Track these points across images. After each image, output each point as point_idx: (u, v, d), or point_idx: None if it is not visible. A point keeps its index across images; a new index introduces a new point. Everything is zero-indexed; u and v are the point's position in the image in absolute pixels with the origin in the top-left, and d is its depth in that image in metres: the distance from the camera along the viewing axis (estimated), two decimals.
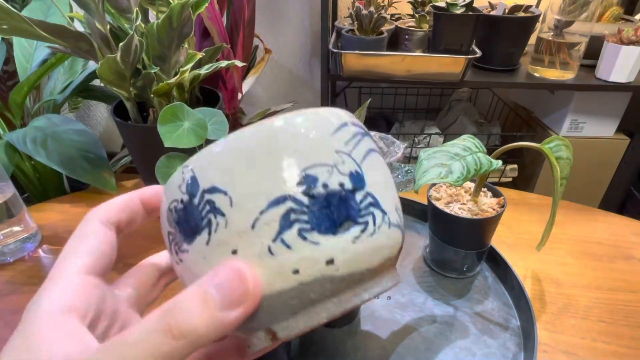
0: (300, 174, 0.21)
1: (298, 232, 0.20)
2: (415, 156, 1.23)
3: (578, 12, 0.99)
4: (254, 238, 0.20)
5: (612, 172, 1.25)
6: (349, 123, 0.24)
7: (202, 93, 0.68)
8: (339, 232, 0.21)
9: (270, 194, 0.20)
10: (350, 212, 0.22)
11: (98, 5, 0.51)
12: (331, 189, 0.21)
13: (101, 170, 0.70)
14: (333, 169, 0.22)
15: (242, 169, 0.21)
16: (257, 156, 0.21)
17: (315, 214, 0.21)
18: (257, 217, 0.20)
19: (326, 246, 0.21)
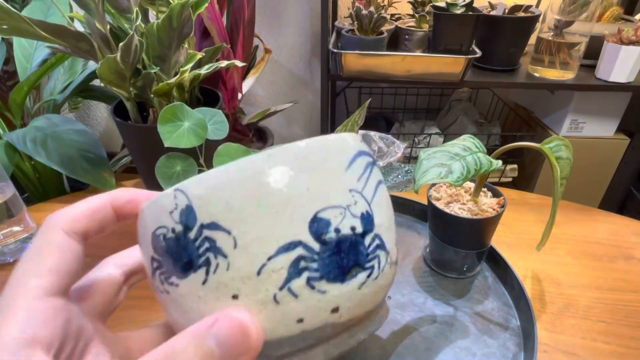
0: (313, 218, 0.19)
1: (307, 280, 0.19)
2: (415, 156, 1.23)
3: (578, 12, 0.99)
4: (258, 285, 0.19)
5: (612, 172, 1.25)
6: (360, 152, 0.22)
7: (202, 93, 0.68)
8: (346, 280, 0.20)
9: (281, 239, 0.19)
10: (359, 257, 0.21)
11: (98, 5, 0.51)
12: (343, 234, 0.20)
13: (101, 170, 0.70)
14: (346, 211, 0.20)
15: (251, 206, 0.19)
16: (268, 193, 0.19)
17: (325, 262, 0.19)
18: (265, 264, 0.19)
19: (333, 295, 0.20)
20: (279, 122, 1.62)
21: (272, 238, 0.19)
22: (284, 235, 0.19)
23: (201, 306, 0.19)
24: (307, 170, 0.20)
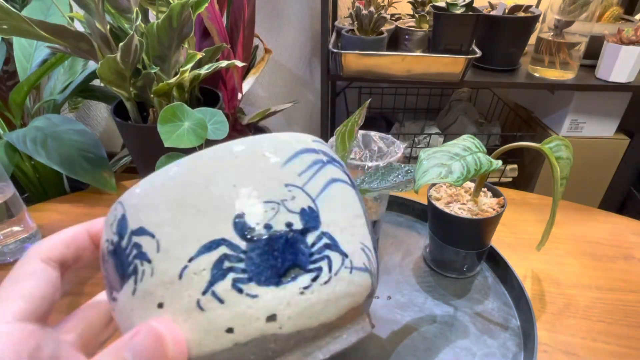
0: (238, 214, 0.18)
1: (232, 283, 0.17)
2: (415, 156, 1.23)
3: (578, 12, 0.99)
4: (181, 290, 0.17)
5: (612, 172, 1.25)
6: (306, 149, 0.21)
7: (202, 93, 0.68)
8: (282, 283, 0.18)
9: (202, 238, 0.18)
10: (299, 257, 0.18)
11: (98, 5, 0.51)
12: (275, 231, 0.18)
13: (101, 170, 0.70)
14: (279, 206, 0.18)
15: (173, 207, 0.18)
16: (190, 192, 0.18)
17: (253, 261, 0.18)
18: (185, 265, 0.17)
19: (266, 300, 0.17)
20: (279, 122, 1.62)
21: (193, 238, 0.18)
22: (206, 234, 0.18)
23: (133, 319, 0.18)
24: (234, 168, 0.19)
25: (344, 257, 0.20)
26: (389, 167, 0.43)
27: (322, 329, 0.19)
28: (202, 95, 0.68)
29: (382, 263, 0.60)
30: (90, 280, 0.57)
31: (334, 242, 0.20)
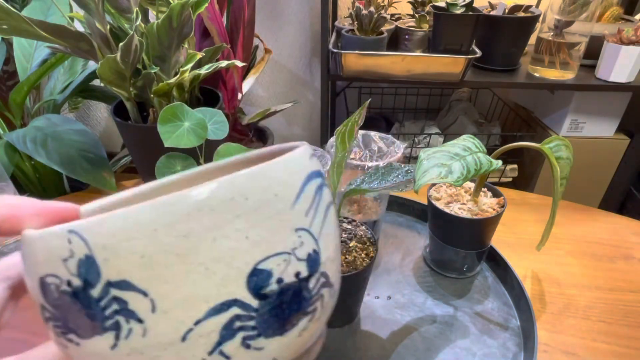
0: (252, 271, 0.16)
1: (242, 341, 0.16)
2: (415, 156, 1.23)
3: (578, 12, 0.99)
4: (183, 352, 0.16)
5: (612, 172, 1.25)
6: (310, 174, 0.19)
7: (202, 93, 0.68)
8: (287, 331, 0.18)
9: (212, 299, 0.16)
10: (302, 304, 0.18)
11: (98, 5, 0.51)
12: (286, 284, 0.17)
13: (101, 170, 0.70)
14: (290, 256, 0.17)
15: (172, 261, 0.15)
16: (196, 245, 0.15)
17: (264, 318, 0.17)
18: (191, 329, 0.16)
19: (270, 349, 0.17)
20: (279, 122, 1.62)
21: (200, 299, 0.16)
22: (216, 294, 0.16)
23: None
24: (246, 214, 0.16)
25: (331, 288, 0.20)
26: (389, 167, 0.43)
27: (303, 353, 0.20)
28: (202, 95, 0.68)
29: (382, 263, 0.60)
30: None
31: (327, 279, 0.19)
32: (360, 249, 0.46)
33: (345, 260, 0.44)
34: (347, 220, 0.51)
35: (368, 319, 0.51)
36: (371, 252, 0.46)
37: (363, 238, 0.48)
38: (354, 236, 0.48)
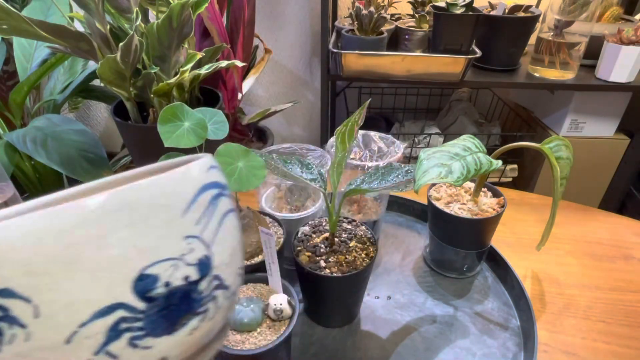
0: (138, 277, 0.17)
1: (128, 341, 0.17)
2: (415, 156, 1.23)
3: (578, 12, 0.99)
4: (68, 353, 0.16)
5: (612, 172, 1.25)
6: (205, 186, 0.20)
7: (202, 93, 0.68)
8: (176, 330, 0.18)
9: (95, 303, 0.16)
10: (192, 305, 0.19)
11: (98, 5, 0.51)
12: (174, 287, 0.18)
13: (101, 170, 0.70)
14: (179, 261, 0.18)
15: (56, 269, 0.16)
16: (81, 253, 0.16)
17: (151, 319, 0.17)
18: (75, 331, 0.16)
19: (159, 349, 0.18)
20: (279, 122, 1.62)
21: (85, 304, 0.16)
22: (101, 299, 0.16)
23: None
24: (133, 224, 0.17)
25: (226, 290, 0.21)
26: (389, 167, 0.43)
27: (198, 351, 0.20)
28: (202, 95, 0.68)
29: (382, 263, 0.60)
30: None
31: (221, 281, 0.20)
32: (360, 249, 0.46)
33: (345, 260, 0.44)
34: (347, 220, 0.51)
35: (368, 319, 0.51)
36: (371, 252, 0.46)
37: (363, 238, 0.48)
38: (354, 236, 0.48)
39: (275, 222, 0.50)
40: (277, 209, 0.55)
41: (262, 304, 0.40)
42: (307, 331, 0.49)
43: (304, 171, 0.44)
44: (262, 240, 0.40)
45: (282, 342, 0.37)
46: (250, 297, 0.41)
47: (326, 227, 0.49)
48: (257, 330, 0.38)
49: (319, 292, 0.46)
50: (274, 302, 0.39)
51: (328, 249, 0.46)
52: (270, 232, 0.38)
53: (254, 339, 0.37)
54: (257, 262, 0.44)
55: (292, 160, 0.45)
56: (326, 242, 0.47)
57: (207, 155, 0.22)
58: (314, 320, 0.50)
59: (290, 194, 0.56)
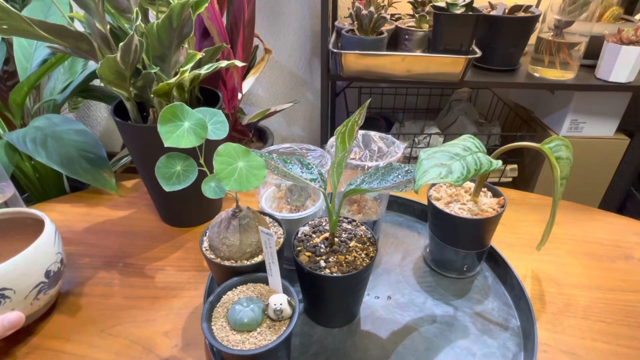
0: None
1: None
2: (415, 156, 1.23)
3: (578, 12, 0.99)
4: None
5: (612, 172, 1.25)
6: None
7: (202, 93, 0.68)
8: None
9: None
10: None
11: (98, 5, 0.51)
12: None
13: (101, 170, 0.70)
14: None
15: None
16: None
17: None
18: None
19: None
20: (279, 122, 1.62)
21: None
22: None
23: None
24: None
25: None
26: (389, 167, 0.43)
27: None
28: (202, 95, 0.68)
29: (382, 263, 0.60)
30: (89, 280, 0.57)
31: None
32: (360, 249, 0.46)
33: (345, 260, 0.44)
34: (347, 220, 0.51)
35: (368, 319, 0.51)
36: (371, 252, 0.46)
37: (363, 238, 0.48)
38: (354, 236, 0.48)
39: (275, 222, 0.50)
40: (277, 209, 0.55)
41: (262, 304, 0.40)
42: (307, 331, 0.49)
43: (304, 171, 0.44)
44: (262, 240, 0.40)
45: (282, 342, 0.37)
46: (250, 297, 0.41)
47: (326, 227, 0.49)
48: (257, 330, 0.38)
49: (319, 292, 0.46)
50: (274, 302, 0.39)
51: (328, 249, 0.46)
52: (270, 232, 0.38)
53: (254, 339, 0.37)
54: (257, 262, 0.44)
55: (292, 160, 0.45)
56: (326, 242, 0.47)
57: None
58: (314, 320, 0.50)
59: (290, 194, 0.56)
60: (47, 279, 0.47)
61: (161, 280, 0.57)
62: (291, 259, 0.46)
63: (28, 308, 0.46)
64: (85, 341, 0.48)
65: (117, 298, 0.54)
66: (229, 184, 0.38)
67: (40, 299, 0.47)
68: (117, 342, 0.48)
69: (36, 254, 0.45)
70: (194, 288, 0.56)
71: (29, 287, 0.45)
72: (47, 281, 0.47)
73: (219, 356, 0.45)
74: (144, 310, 0.53)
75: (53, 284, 0.49)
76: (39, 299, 0.47)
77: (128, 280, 0.57)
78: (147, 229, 0.67)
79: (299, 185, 0.56)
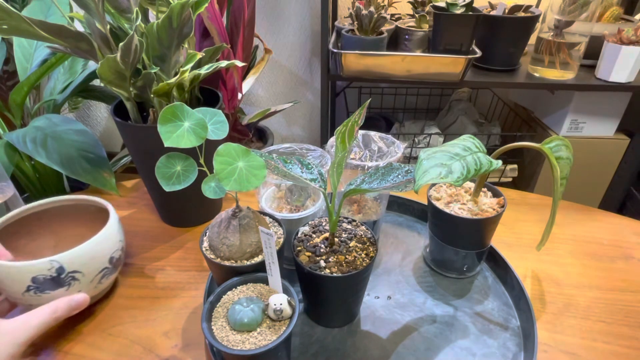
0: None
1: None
2: (415, 156, 1.23)
3: (578, 12, 0.99)
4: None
5: (612, 172, 1.25)
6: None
7: (202, 93, 0.68)
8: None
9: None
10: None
11: (98, 5, 0.51)
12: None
13: (101, 170, 0.70)
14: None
15: None
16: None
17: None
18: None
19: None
20: (279, 122, 1.62)
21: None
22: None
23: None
24: None
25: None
26: (389, 167, 0.43)
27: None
28: (202, 95, 0.68)
29: (382, 263, 0.60)
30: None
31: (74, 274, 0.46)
32: (360, 249, 0.46)
33: (345, 260, 0.44)
34: (347, 220, 0.51)
35: (368, 319, 0.51)
36: (371, 252, 0.46)
37: (363, 238, 0.48)
38: (354, 236, 0.48)
39: (275, 222, 0.50)
40: (277, 209, 0.55)
41: (262, 304, 0.40)
42: (307, 331, 0.49)
43: (304, 171, 0.44)
44: (262, 240, 0.40)
45: (282, 342, 0.37)
46: (250, 297, 0.41)
47: (326, 227, 0.49)
48: (257, 330, 0.38)
49: (319, 292, 0.46)
50: (274, 302, 0.39)
51: (328, 249, 0.46)
52: (270, 232, 0.38)
53: (254, 339, 0.37)
54: (257, 262, 0.44)
55: (292, 160, 0.45)
56: (326, 242, 0.47)
57: None
58: (314, 320, 0.50)
59: (290, 194, 0.56)
60: (110, 265, 0.51)
61: (161, 280, 0.57)
62: (291, 259, 0.46)
63: (92, 291, 0.50)
64: (86, 341, 0.48)
65: (117, 298, 0.54)
66: (229, 184, 0.38)
67: (103, 283, 0.51)
68: (117, 342, 0.48)
69: (103, 241, 0.49)
70: (194, 288, 0.56)
71: (96, 271, 0.49)
72: (110, 267, 0.51)
73: (219, 356, 0.45)
74: (144, 310, 0.53)
75: (115, 269, 0.52)
76: (102, 283, 0.51)
77: (128, 280, 0.57)
78: (147, 229, 0.67)
79: (299, 185, 0.56)
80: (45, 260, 0.44)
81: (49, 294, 0.45)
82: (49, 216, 0.55)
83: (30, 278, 0.44)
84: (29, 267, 0.44)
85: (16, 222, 0.52)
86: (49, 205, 0.55)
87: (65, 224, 0.56)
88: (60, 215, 0.56)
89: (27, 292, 0.45)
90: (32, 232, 0.55)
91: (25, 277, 0.44)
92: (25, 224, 0.53)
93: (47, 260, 0.44)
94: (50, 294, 0.45)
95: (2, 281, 0.45)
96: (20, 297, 0.45)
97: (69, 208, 0.56)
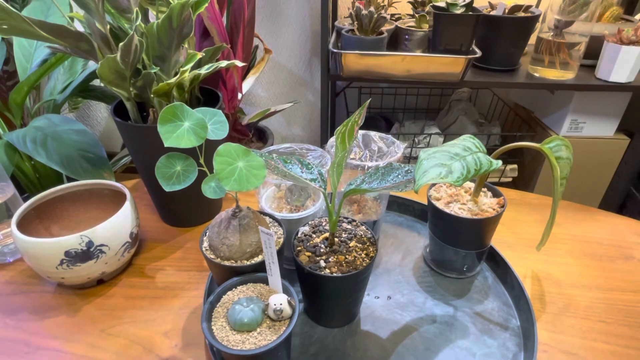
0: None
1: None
2: (415, 156, 1.23)
3: (578, 12, 0.99)
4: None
5: (612, 172, 1.25)
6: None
7: (202, 93, 0.68)
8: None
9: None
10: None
11: (98, 5, 0.51)
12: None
13: (101, 170, 0.70)
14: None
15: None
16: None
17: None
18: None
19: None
20: (279, 122, 1.62)
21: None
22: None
23: None
24: None
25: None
26: (389, 167, 0.43)
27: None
28: (202, 95, 0.68)
29: (382, 263, 0.60)
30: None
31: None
32: (360, 249, 0.46)
33: (345, 260, 0.44)
34: (347, 220, 0.51)
35: (368, 319, 0.51)
36: (371, 252, 0.46)
37: (363, 238, 0.48)
38: (354, 236, 0.48)
39: (275, 222, 0.50)
40: (277, 209, 0.55)
41: (262, 304, 0.40)
42: (307, 331, 0.49)
43: (304, 171, 0.44)
44: (262, 240, 0.40)
45: (282, 342, 0.37)
46: (250, 297, 0.41)
47: (326, 227, 0.49)
48: (257, 330, 0.38)
49: (319, 292, 0.46)
50: (274, 302, 0.39)
51: (328, 249, 0.46)
52: (270, 232, 0.38)
53: (254, 339, 0.37)
54: (257, 262, 0.44)
55: (292, 160, 0.45)
56: (326, 242, 0.47)
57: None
58: (314, 320, 0.50)
59: (290, 194, 0.56)
60: (130, 240, 0.56)
61: (161, 280, 0.57)
62: (291, 259, 0.46)
63: (115, 264, 0.55)
64: (85, 341, 0.49)
65: (117, 298, 0.54)
66: (229, 184, 0.38)
67: (125, 256, 0.56)
68: (117, 342, 0.48)
69: (124, 217, 0.54)
70: (194, 288, 0.56)
71: (119, 245, 0.54)
72: (130, 241, 0.56)
73: (219, 356, 0.45)
74: (144, 310, 0.53)
75: (133, 244, 0.57)
76: (124, 256, 0.56)
77: (128, 280, 0.57)
78: (147, 229, 0.67)
79: (299, 185, 0.56)
80: (77, 235, 0.49)
81: (79, 267, 0.50)
82: (63, 201, 0.59)
83: (64, 252, 0.48)
84: (62, 242, 0.48)
85: (36, 207, 0.56)
86: (66, 191, 0.59)
87: (80, 207, 0.61)
88: (75, 200, 0.60)
89: (61, 266, 0.49)
90: (53, 216, 0.59)
91: (59, 251, 0.48)
92: (43, 209, 0.57)
93: (78, 235, 0.49)
94: (80, 266, 0.50)
95: (37, 257, 0.49)
96: (55, 270, 0.50)
97: (84, 192, 0.60)
